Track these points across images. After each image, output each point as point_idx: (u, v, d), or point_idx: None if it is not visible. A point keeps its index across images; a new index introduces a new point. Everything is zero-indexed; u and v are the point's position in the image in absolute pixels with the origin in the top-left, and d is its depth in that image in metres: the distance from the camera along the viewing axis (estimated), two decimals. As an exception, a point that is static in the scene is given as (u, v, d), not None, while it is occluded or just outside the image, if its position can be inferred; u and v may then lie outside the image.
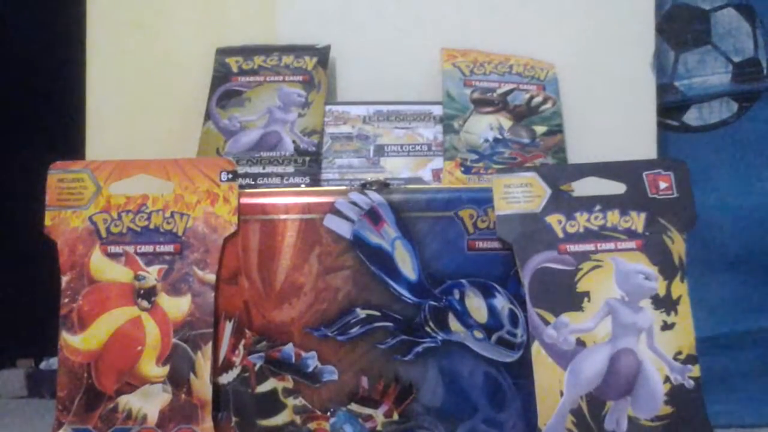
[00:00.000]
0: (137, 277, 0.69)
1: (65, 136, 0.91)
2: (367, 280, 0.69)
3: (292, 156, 0.79)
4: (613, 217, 0.69)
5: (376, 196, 0.70)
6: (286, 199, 0.70)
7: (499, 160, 0.79)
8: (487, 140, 0.81)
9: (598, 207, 0.69)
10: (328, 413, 0.69)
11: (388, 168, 0.81)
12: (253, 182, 0.77)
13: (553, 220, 0.69)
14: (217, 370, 0.69)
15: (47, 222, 0.70)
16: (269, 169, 0.78)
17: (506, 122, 0.82)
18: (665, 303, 0.68)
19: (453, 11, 0.88)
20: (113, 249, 0.69)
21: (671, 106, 0.96)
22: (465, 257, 0.69)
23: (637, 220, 0.69)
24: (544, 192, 0.69)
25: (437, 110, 0.84)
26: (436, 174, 0.80)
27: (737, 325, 0.95)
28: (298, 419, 0.69)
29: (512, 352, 0.69)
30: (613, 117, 0.86)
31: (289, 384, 0.69)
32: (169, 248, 0.69)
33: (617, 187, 0.70)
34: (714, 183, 0.95)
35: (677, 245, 0.69)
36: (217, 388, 0.68)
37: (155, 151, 0.80)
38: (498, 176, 0.70)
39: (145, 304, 0.69)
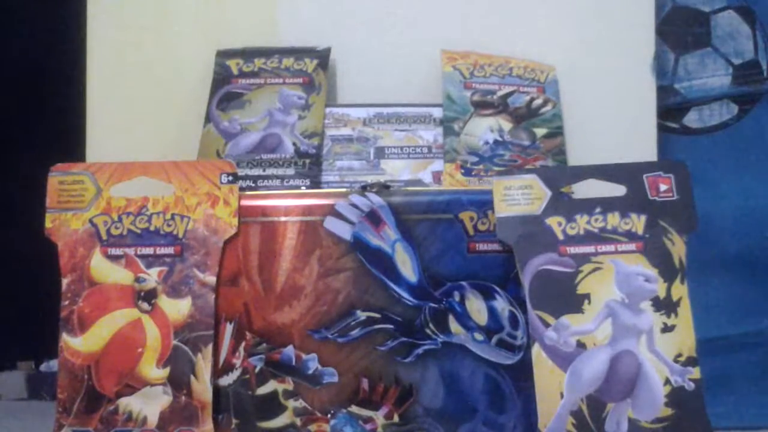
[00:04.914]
0: (138, 279, 0.69)
1: (65, 138, 0.91)
2: (368, 282, 0.69)
3: (292, 158, 0.79)
4: (614, 220, 0.69)
5: (376, 199, 0.70)
6: (286, 201, 0.70)
7: (500, 162, 0.79)
8: (487, 142, 0.81)
9: (598, 209, 0.69)
10: (329, 415, 0.69)
11: (389, 170, 0.81)
12: (253, 184, 0.77)
13: (554, 222, 0.69)
14: (218, 372, 0.69)
15: (48, 224, 0.70)
16: (269, 171, 0.78)
17: (506, 124, 0.82)
18: (665, 305, 0.68)
19: (453, 13, 0.88)
20: (114, 251, 0.69)
21: (671, 108, 0.96)
22: (465, 259, 0.69)
23: (638, 223, 0.69)
24: (545, 194, 0.69)
25: (437, 112, 0.84)
26: (437, 176, 0.80)
27: (738, 326, 0.95)
28: (298, 421, 0.69)
29: (512, 354, 0.69)
30: (613, 119, 0.86)
31: (290, 386, 0.69)
32: (170, 250, 0.69)
33: (617, 189, 0.70)
34: (714, 185, 0.95)
35: (677, 247, 0.69)
36: (217, 390, 0.68)
37: (155, 153, 0.80)
38: (498, 178, 0.70)
39: (145, 306, 0.69)
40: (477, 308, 0.69)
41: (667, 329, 0.67)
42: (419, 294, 0.69)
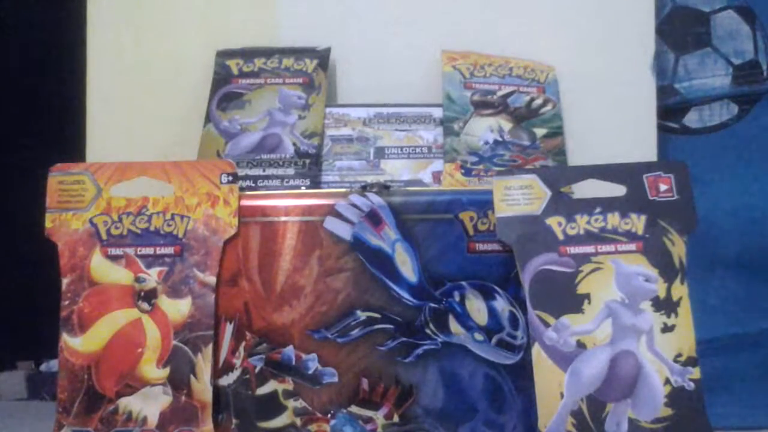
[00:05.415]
0: (138, 279, 0.69)
1: (65, 138, 0.91)
2: (368, 282, 0.69)
3: (292, 158, 0.79)
4: (614, 220, 0.69)
5: (376, 199, 0.70)
6: (286, 202, 0.70)
7: (500, 162, 0.79)
8: (487, 142, 0.81)
9: (598, 209, 0.69)
10: (329, 415, 0.69)
11: (389, 170, 0.81)
12: (253, 184, 0.77)
13: (554, 222, 0.69)
14: (218, 372, 0.69)
15: (48, 224, 0.70)
16: (269, 171, 0.78)
17: (506, 124, 0.82)
18: (665, 305, 0.68)
19: (453, 14, 0.88)
20: (114, 251, 0.69)
21: (671, 109, 0.96)
22: (465, 259, 0.69)
23: (638, 223, 0.69)
24: (545, 194, 0.69)
25: (437, 112, 0.84)
26: (437, 176, 0.80)
27: (738, 327, 0.95)
28: (298, 421, 0.69)
29: (512, 354, 0.69)
30: (613, 119, 0.86)
31: (290, 386, 0.69)
32: (170, 250, 0.69)
33: (617, 190, 0.70)
34: (714, 185, 0.95)
35: (677, 247, 0.69)
36: (217, 390, 0.68)
37: (155, 153, 0.80)
38: (498, 178, 0.70)
39: (145, 306, 0.69)
40: (477, 308, 0.69)
41: (667, 329, 0.67)
42: (419, 294, 0.69)
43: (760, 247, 0.95)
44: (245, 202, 0.70)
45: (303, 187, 0.77)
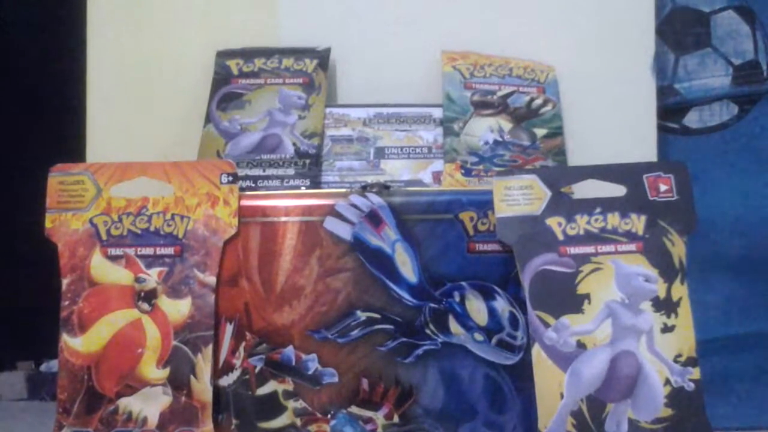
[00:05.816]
0: (138, 280, 0.69)
1: (65, 138, 0.91)
2: (368, 282, 0.69)
3: (292, 158, 0.79)
4: (614, 220, 0.69)
5: (376, 199, 0.70)
6: (286, 202, 0.70)
7: (500, 162, 0.79)
8: (487, 143, 0.81)
9: (598, 209, 0.69)
10: (329, 415, 0.69)
11: (389, 170, 0.81)
12: (253, 185, 0.77)
13: (554, 222, 0.69)
14: (218, 372, 0.69)
15: (48, 224, 0.70)
16: (269, 171, 0.78)
17: (506, 125, 0.82)
18: (665, 305, 0.68)
19: (453, 14, 0.88)
20: (114, 251, 0.69)
21: (671, 109, 0.96)
22: (465, 260, 0.69)
23: (638, 223, 0.69)
24: (545, 194, 0.69)
25: (437, 113, 0.84)
26: (437, 176, 0.80)
27: (737, 327, 0.95)
28: (298, 421, 0.69)
29: (512, 355, 0.69)
30: (613, 119, 0.86)
31: (290, 386, 0.69)
32: (170, 251, 0.69)
33: (617, 190, 0.70)
34: (714, 185, 0.95)
35: (677, 247, 0.69)
36: (217, 391, 0.68)
37: (155, 153, 0.80)
38: (498, 178, 0.70)
39: (145, 306, 0.69)
40: (477, 308, 0.69)
41: (667, 329, 0.67)
42: (419, 294, 0.69)
43: (760, 247, 0.95)
44: (245, 202, 0.70)
45: (303, 187, 0.77)
